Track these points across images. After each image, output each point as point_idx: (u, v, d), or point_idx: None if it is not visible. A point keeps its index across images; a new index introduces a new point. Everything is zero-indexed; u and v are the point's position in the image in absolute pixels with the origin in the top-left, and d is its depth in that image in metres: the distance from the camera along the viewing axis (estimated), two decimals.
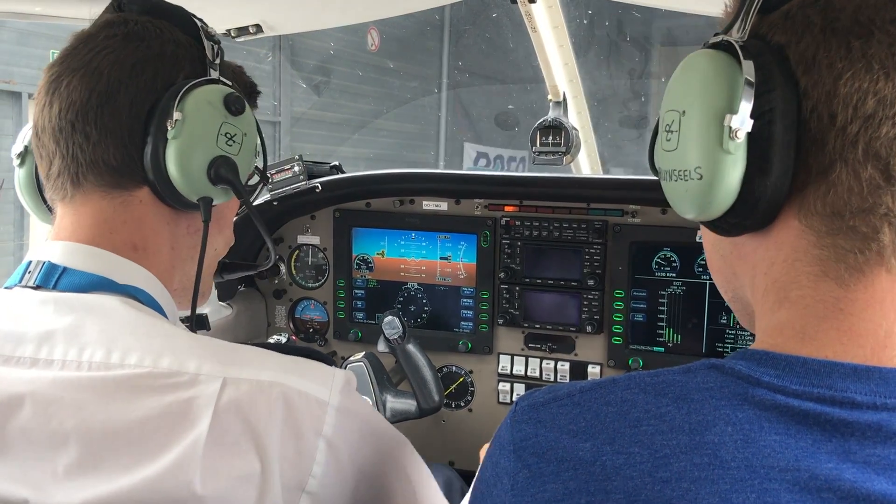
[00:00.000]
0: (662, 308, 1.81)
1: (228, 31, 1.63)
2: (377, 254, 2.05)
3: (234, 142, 0.94)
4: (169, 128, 0.88)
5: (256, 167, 1.08)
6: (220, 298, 2.04)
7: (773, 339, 0.65)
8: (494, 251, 1.93)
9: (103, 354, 0.77)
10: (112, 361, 0.77)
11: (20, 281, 0.85)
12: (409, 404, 1.68)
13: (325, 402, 0.81)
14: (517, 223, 1.90)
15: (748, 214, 0.66)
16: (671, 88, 0.71)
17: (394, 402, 1.68)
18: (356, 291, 2.08)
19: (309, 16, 1.68)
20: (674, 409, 0.61)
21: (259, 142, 1.02)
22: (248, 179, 1.07)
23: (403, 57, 10.54)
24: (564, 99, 1.97)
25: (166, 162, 0.89)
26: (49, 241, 0.89)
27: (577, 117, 2.10)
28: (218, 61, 0.96)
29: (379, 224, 2.02)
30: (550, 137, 1.89)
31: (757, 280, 0.70)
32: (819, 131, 0.62)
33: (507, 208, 1.92)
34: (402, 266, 2.03)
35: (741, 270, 0.74)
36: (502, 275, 1.92)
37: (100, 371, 0.76)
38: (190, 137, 0.90)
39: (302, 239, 2.11)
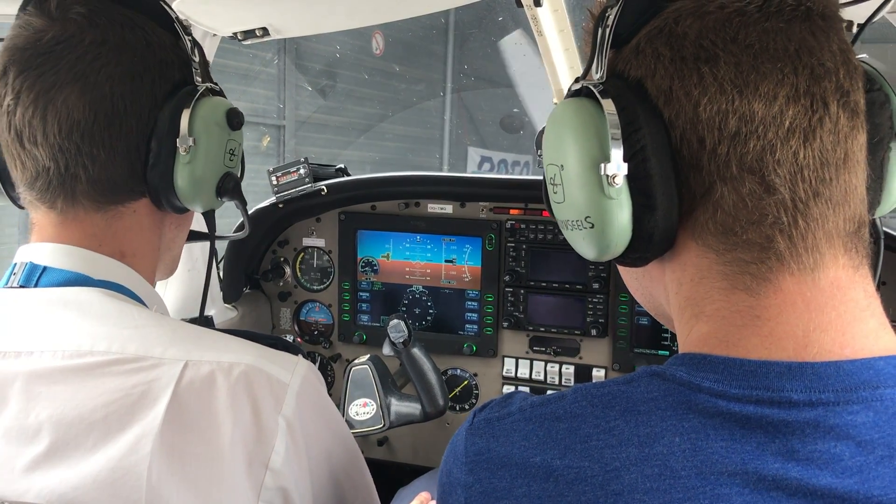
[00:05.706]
0: None
1: (235, 34, 1.64)
2: (382, 256, 2.05)
3: (234, 155, 0.99)
4: (182, 151, 0.90)
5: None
6: (226, 300, 2.05)
7: (698, 347, 0.65)
8: (499, 254, 1.94)
9: (76, 344, 0.79)
10: (83, 350, 0.78)
11: (6, 283, 0.88)
12: (413, 408, 1.68)
13: (286, 384, 0.82)
14: (522, 226, 1.91)
15: (646, 248, 0.67)
16: (546, 142, 0.72)
17: (398, 406, 1.68)
18: (361, 294, 2.08)
19: (315, 19, 1.69)
20: (622, 422, 0.62)
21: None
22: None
23: (408, 61, 10.55)
24: None
25: (177, 181, 0.91)
26: (33, 244, 0.89)
27: None
28: (198, 59, 0.94)
29: (384, 227, 2.03)
30: None
31: (671, 298, 0.72)
32: (692, 157, 0.64)
33: (511, 211, 1.92)
34: (407, 269, 2.03)
35: (655, 291, 0.76)
36: (507, 278, 1.92)
37: (72, 360, 0.78)
38: (204, 160, 0.93)
39: (307, 241, 2.12)
